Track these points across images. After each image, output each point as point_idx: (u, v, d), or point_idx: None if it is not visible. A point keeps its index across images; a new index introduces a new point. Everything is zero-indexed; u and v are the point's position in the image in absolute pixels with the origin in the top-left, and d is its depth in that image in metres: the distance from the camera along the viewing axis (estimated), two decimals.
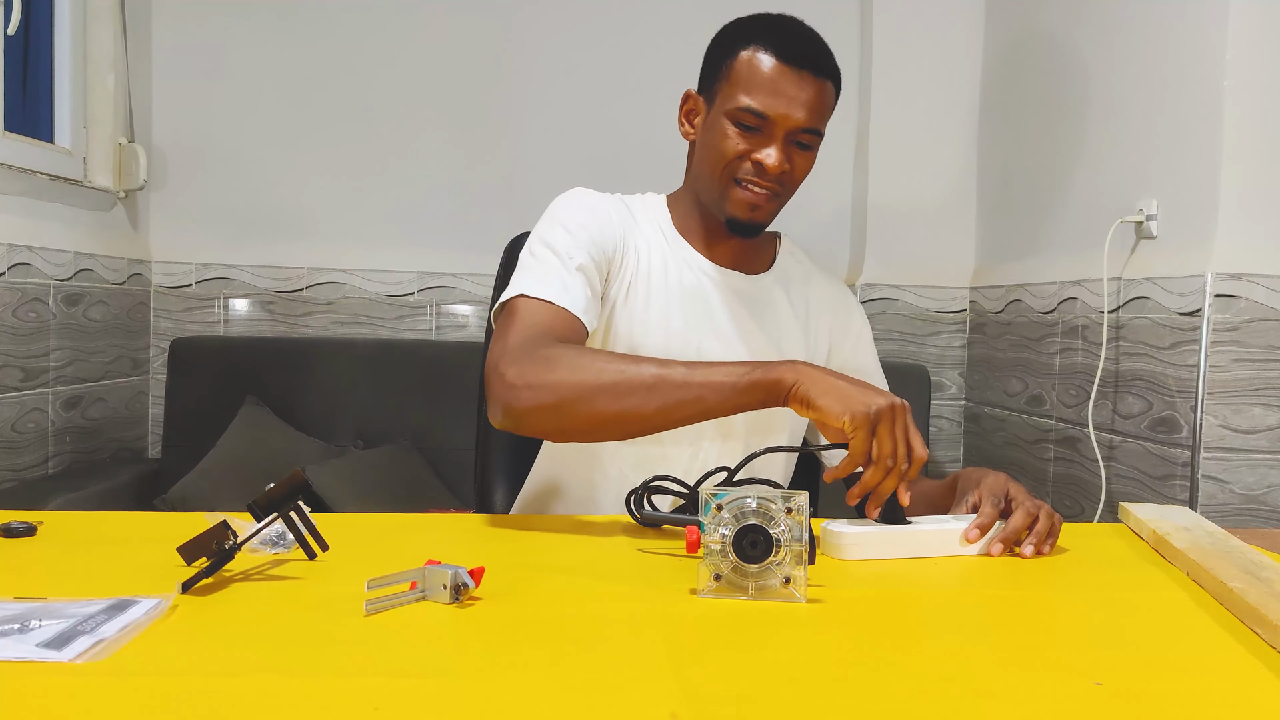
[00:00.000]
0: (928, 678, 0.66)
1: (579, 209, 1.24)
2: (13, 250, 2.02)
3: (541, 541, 1.04)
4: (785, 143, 1.18)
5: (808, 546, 0.82)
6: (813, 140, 1.21)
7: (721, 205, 1.22)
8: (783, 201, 1.24)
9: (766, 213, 1.23)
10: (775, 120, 1.17)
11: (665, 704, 0.60)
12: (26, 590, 0.78)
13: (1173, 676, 0.69)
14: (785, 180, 1.21)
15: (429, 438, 2.39)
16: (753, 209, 1.21)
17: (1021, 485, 1.09)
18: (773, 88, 1.17)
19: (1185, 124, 1.82)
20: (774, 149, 1.18)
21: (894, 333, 2.65)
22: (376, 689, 0.61)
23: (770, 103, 1.17)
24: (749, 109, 1.17)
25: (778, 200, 1.22)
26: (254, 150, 2.64)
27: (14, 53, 2.14)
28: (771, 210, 1.23)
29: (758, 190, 1.19)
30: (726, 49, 1.22)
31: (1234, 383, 1.71)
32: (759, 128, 1.18)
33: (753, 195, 1.20)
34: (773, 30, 1.21)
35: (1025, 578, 0.96)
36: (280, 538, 0.92)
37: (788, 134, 1.18)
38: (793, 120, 1.17)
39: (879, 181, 2.65)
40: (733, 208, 1.21)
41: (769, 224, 1.26)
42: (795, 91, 1.17)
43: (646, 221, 1.29)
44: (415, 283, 2.67)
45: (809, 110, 1.18)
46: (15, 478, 2.05)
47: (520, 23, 2.68)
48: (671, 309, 1.25)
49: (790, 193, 1.24)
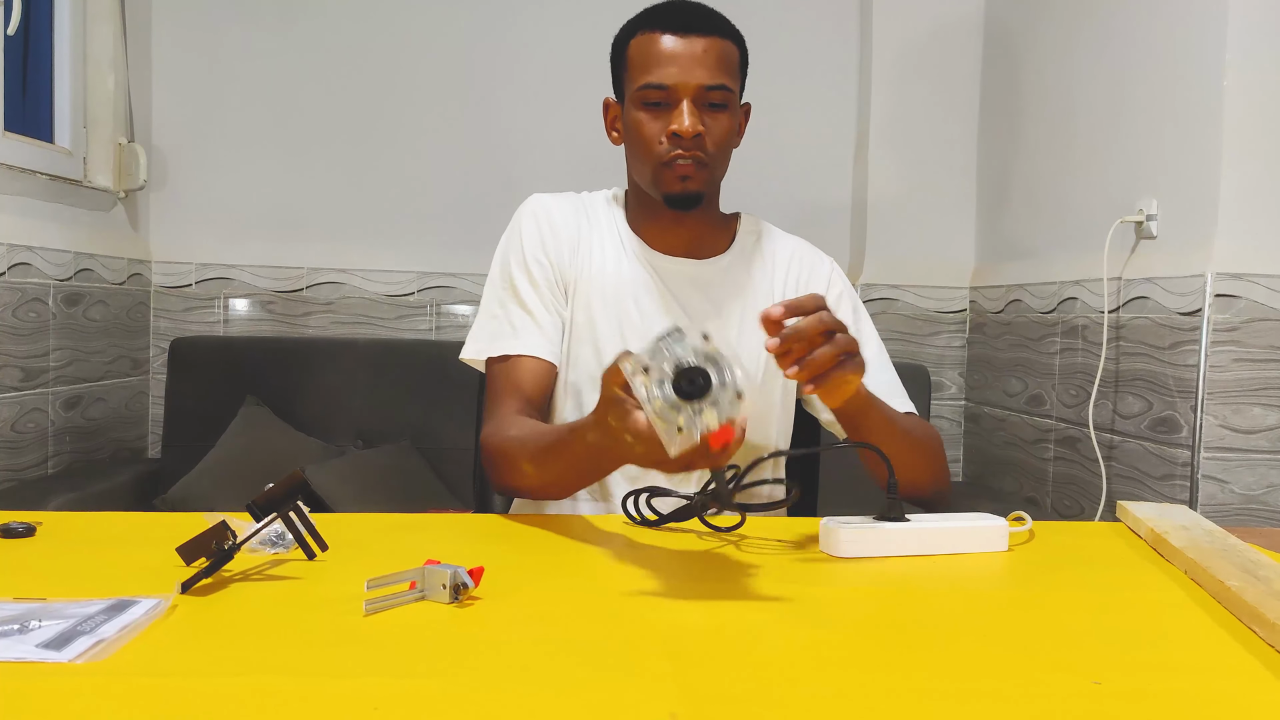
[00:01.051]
0: (926, 677, 0.66)
1: (530, 233, 1.29)
2: (13, 250, 2.02)
3: (541, 541, 1.04)
4: (695, 106, 1.19)
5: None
6: (725, 98, 1.21)
7: (657, 188, 1.23)
8: (714, 170, 1.24)
9: (699, 181, 1.22)
10: (675, 87, 1.19)
11: (665, 704, 0.60)
12: (26, 591, 0.78)
13: (1171, 675, 0.68)
14: (707, 144, 1.21)
15: (429, 438, 2.39)
16: (684, 179, 1.21)
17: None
18: (665, 58, 1.19)
19: (1185, 124, 1.82)
20: (681, 112, 1.18)
21: (894, 333, 2.65)
22: (376, 689, 0.61)
23: (665, 72, 1.19)
24: (648, 85, 1.19)
25: (707, 169, 1.22)
26: (254, 150, 2.64)
27: (14, 53, 2.14)
28: (703, 179, 1.23)
29: (683, 161, 1.20)
30: (620, 45, 1.26)
31: (1234, 383, 1.71)
32: (664, 100, 1.20)
33: (680, 167, 1.20)
34: (655, 10, 1.23)
35: (1024, 577, 0.96)
36: (279, 538, 0.92)
37: (694, 97, 1.19)
38: (692, 81, 1.18)
39: (879, 181, 2.65)
40: (666, 185, 1.22)
41: (708, 193, 1.26)
42: (687, 55, 1.19)
43: (602, 220, 1.32)
44: (415, 283, 2.67)
45: (706, 68, 1.19)
46: (15, 478, 2.05)
47: (520, 23, 2.68)
48: (626, 307, 1.27)
49: (719, 159, 1.24)
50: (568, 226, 1.30)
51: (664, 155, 1.21)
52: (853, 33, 2.71)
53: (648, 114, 1.21)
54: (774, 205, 2.01)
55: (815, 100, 2.71)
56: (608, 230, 1.32)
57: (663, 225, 1.30)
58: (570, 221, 1.31)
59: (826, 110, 2.72)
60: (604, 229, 1.32)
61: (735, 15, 1.27)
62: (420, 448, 2.38)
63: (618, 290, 1.28)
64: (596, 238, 1.31)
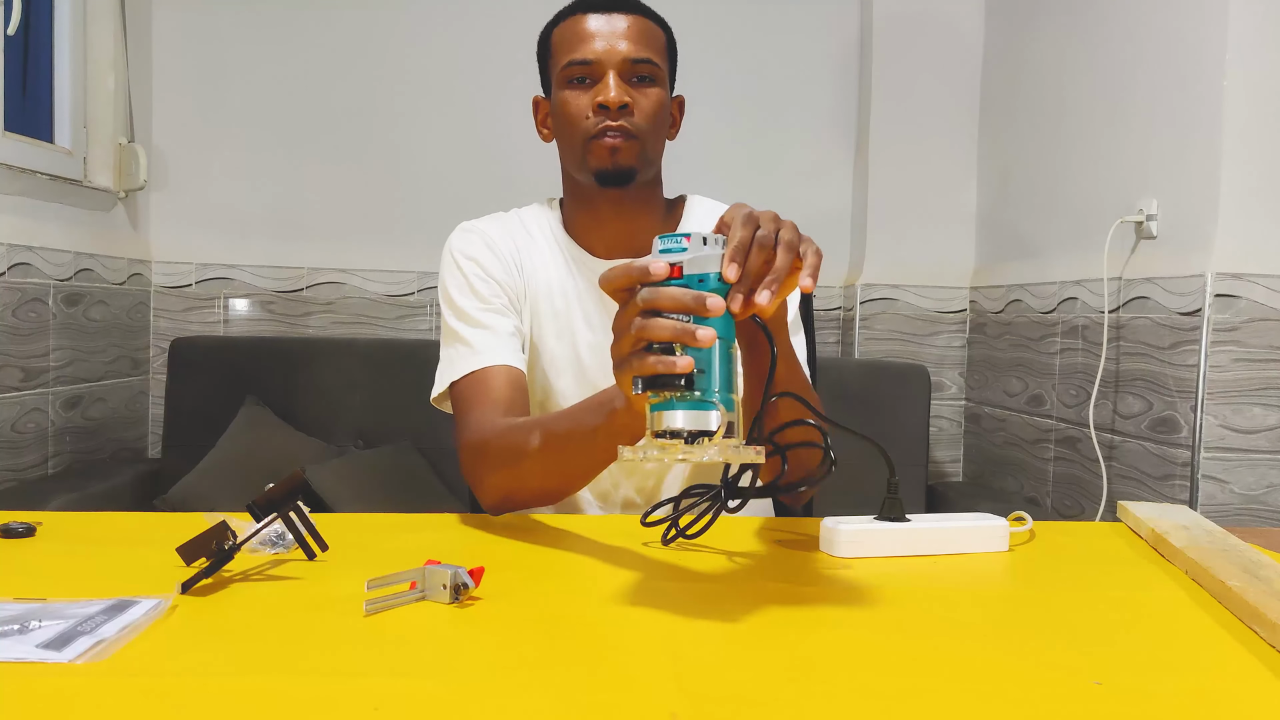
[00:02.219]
0: (927, 676, 0.66)
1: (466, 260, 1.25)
2: (13, 250, 2.02)
3: (541, 541, 1.04)
4: (621, 80, 1.16)
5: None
6: (650, 71, 1.18)
7: (586, 166, 1.19)
8: (645, 145, 1.18)
9: (629, 153, 1.17)
10: (599, 60, 1.17)
11: (665, 704, 0.60)
12: (26, 591, 0.78)
13: (1172, 675, 0.68)
14: (636, 117, 1.17)
15: (429, 438, 2.38)
16: (614, 152, 1.16)
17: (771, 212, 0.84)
18: (588, 35, 1.18)
19: (1185, 124, 1.82)
20: (606, 84, 1.16)
21: (894, 333, 2.65)
22: (376, 689, 0.61)
23: (589, 48, 1.17)
24: (572, 62, 1.17)
25: (638, 142, 1.17)
26: (254, 150, 2.64)
27: (14, 53, 2.14)
28: (634, 151, 1.17)
29: (611, 134, 1.16)
30: (545, 37, 1.24)
31: (1234, 383, 1.71)
32: (588, 76, 1.17)
33: (609, 140, 1.16)
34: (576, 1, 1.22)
35: (1025, 577, 0.96)
36: (280, 538, 0.92)
37: (619, 70, 1.16)
38: (615, 54, 1.16)
39: (879, 181, 2.65)
40: (595, 159, 1.17)
41: (640, 170, 1.19)
42: (609, 30, 1.17)
43: (535, 231, 1.28)
44: (415, 283, 2.67)
45: (631, 41, 1.17)
46: (15, 478, 2.05)
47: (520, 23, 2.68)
48: (575, 323, 1.24)
49: (650, 134, 1.18)
50: (505, 245, 1.26)
51: (591, 129, 1.16)
52: (853, 32, 2.71)
53: (573, 91, 1.18)
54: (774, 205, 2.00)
55: (816, 100, 2.71)
56: (544, 240, 1.27)
57: (599, 219, 1.24)
58: (506, 240, 1.26)
59: (827, 110, 2.72)
60: (540, 240, 1.27)
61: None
62: (420, 448, 2.38)
63: (567, 307, 1.24)
64: (536, 251, 1.26)
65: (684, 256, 0.76)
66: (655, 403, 0.75)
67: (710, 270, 0.76)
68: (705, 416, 0.74)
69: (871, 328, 2.65)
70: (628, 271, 0.77)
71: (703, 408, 0.74)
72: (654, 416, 0.75)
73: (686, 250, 0.76)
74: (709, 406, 0.75)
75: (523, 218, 1.30)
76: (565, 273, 1.26)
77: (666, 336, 0.74)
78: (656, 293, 0.75)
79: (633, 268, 0.76)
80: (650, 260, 0.76)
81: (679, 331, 0.74)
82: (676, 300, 0.74)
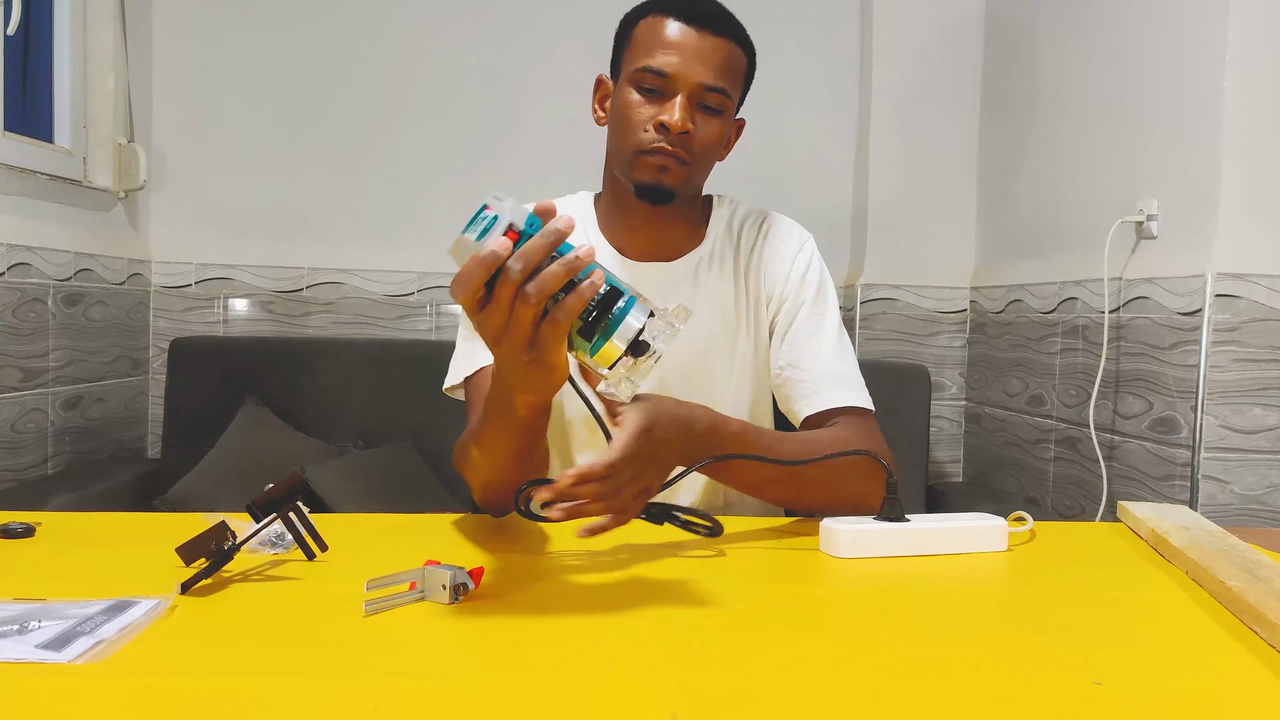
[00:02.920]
0: (927, 677, 0.66)
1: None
2: (13, 250, 2.02)
3: (541, 541, 1.04)
4: (689, 104, 1.14)
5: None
6: (720, 103, 1.16)
7: (630, 173, 1.17)
8: (694, 170, 1.18)
9: (675, 177, 1.16)
10: (675, 77, 1.14)
11: (665, 704, 0.60)
12: (26, 591, 0.78)
13: (1172, 675, 0.68)
14: (690, 144, 1.15)
15: (429, 438, 2.38)
16: (660, 170, 1.15)
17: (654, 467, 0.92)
18: (671, 46, 1.14)
19: (1185, 124, 1.82)
20: (674, 105, 1.13)
21: (894, 333, 2.65)
22: (376, 689, 0.61)
23: (668, 60, 1.14)
24: (647, 68, 1.14)
25: (687, 169, 1.16)
26: (254, 150, 2.64)
27: (14, 53, 2.14)
28: (681, 175, 1.17)
29: (664, 155, 1.14)
30: (628, 22, 1.20)
31: (1234, 383, 1.71)
32: (660, 88, 1.14)
33: (660, 158, 1.15)
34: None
35: (1025, 577, 0.96)
36: (279, 538, 0.92)
37: (690, 94, 1.14)
38: (693, 77, 1.14)
39: (879, 181, 2.65)
40: (640, 173, 1.16)
41: (682, 194, 1.19)
42: (694, 49, 1.14)
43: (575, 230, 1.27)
44: (415, 283, 2.67)
45: (710, 67, 1.14)
46: (15, 478, 2.05)
47: (520, 23, 2.68)
48: None
49: (702, 162, 1.19)
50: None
51: (646, 143, 1.15)
52: (853, 33, 2.71)
53: (640, 97, 1.15)
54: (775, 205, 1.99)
55: (816, 100, 2.71)
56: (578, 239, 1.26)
57: (634, 225, 1.24)
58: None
59: (827, 110, 2.72)
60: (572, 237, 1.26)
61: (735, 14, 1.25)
62: (420, 448, 2.38)
63: None
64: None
65: (508, 218, 0.76)
66: (598, 339, 0.77)
67: (525, 215, 0.78)
68: (640, 312, 0.77)
69: (872, 328, 2.64)
70: (480, 266, 0.75)
71: (630, 308, 0.77)
72: (606, 349, 0.76)
73: (498, 217, 0.76)
74: (632, 300, 0.77)
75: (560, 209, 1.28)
76: None
77: (564, 275, 0.75)
78: (522, 256, 0.75)
79: (481, 259, 0.75)
80: (488, 243, 0.75)
81: (570, 265, 0.75)
82: (541, 248, 0.75)
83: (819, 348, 1.24)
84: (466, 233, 0.76)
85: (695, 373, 1.23)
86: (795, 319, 1.25)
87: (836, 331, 1.26)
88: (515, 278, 0.75)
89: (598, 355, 0.77)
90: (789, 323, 1.25)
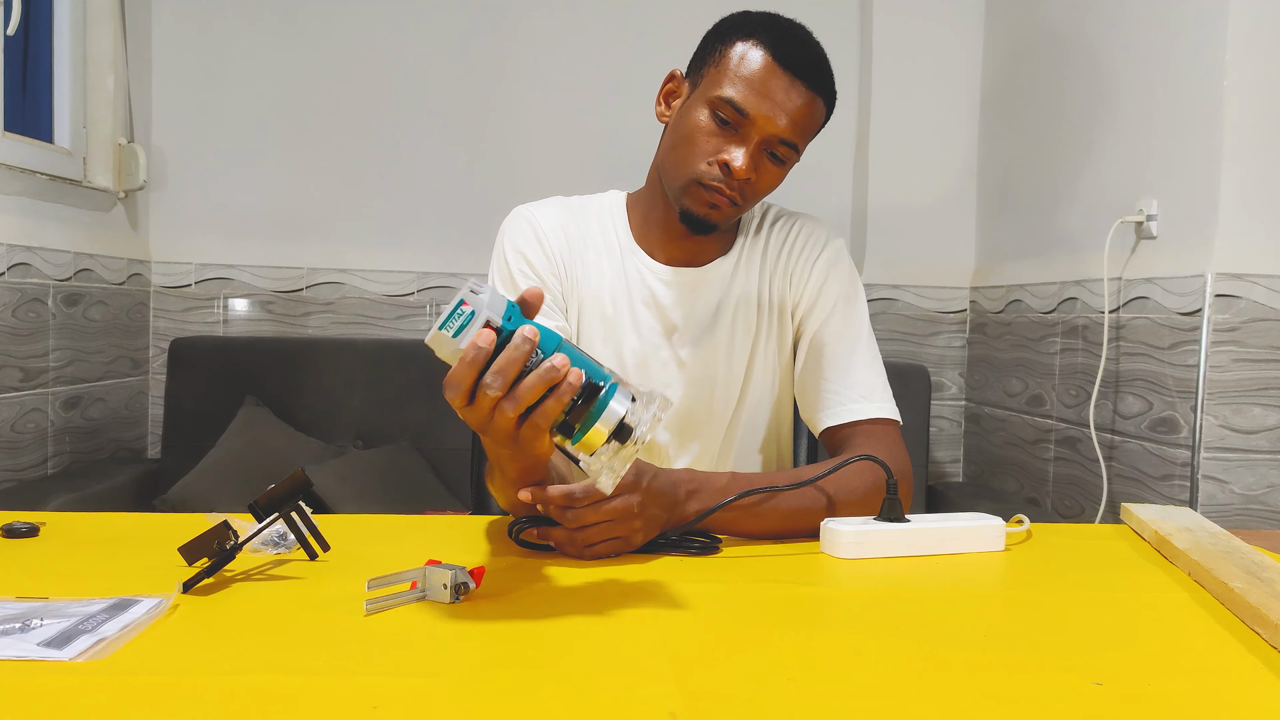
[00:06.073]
0: (927, 677, 0.66)
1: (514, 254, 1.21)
2: (12, 250, 2.02)
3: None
4: (758, 149, 1.11)
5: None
6: (788, 155, 1.13)
7: (681, 198, 1.15)
8: (740, 211, 1.17)
9: (723, 215, 1.15)
10: (755, 120, 1.10)
11: (665, 704, 0.60)
12: (28, 590, 0.78)
13: (1174, 677, 0.68)
14: (748, 191, 1.13)
15: (429, 438, 2.39)
16: (710, 207, 1.14)
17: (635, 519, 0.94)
18: (759, 86, 1.10)
19: (1185, 124, 1.82)
20: (744, 152, 1.10)
21: (894, 333, 2.65)
22: (376, 689, 0.61)
23: (753, 100, 1.10)
24: (730, 100, 1.10)
25: (737, 209, 1.15)
26: (254, 150, 2.64)
27: (14, 53, 2.14)
28: (729, 215, 1.15)
29: (720, 194, 1.12)
30: (723, 36, 1.15)
31: (1234, 383, 1.71)
32: (735, 124, 1.11)
33: (714, 195, 1.12)
34: (774, 30, 1.13)
35: (1025, 578, 0.96)
36: (281, 538, 0.92)
37: (763, 140, 1.11)
38: (772, 126, 1.10)
39: (879, 182, 2.65)
40: (691, 201, 1.14)
41: (725, 226, 1.19)
42: (782, 96, 1.10)
43: (600, 232, 1.25)
44: (415, 283, 2.67)
45: (791, 119, 1.10)
46: (15, 478, 2.05)
47: (520, 23, 2.68)
48: (624, 329, 1.22)
49: (750, 205, 1.17)
50: (557, 241, 1.22)
51: (705, 176, 1.12)
52: (853, 33, 2.71)
53: (712, 125, 1.11)
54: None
55: None
56: (605, 240, 1.24)
57: (669, 235, 1.22)
58: (559, 236, 1.22)
59: None
60: (601, 239, 1.24)
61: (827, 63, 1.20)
62: (420, 448, 2.38)
63: (616, 313, 1.22)
64: (593, 251, 1.23)
65: (484, 313, 0.76)
66: (578, 431, 0.77)
67: (504, 307, 0.77)
68: (623, 397, 0.77)
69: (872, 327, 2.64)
70: (470, 369, 0.76)
71: (613, 394, 0.77)
72: (589, 437, 0.77)
73: (475, 313, 0.76)
74: (614, 388, 0.77)
75: (588, 209, 1.26)
76: (619, 277, 1.23)
77: (541, 387, 0.76)
78: (499, 372, 0.76)
79: (468, 362, 0.76)
80: (468, 342, 0.76)
81: (546, 378, 0.76)
82: (516, 361, 0.76)
83: (842, 357, 1.23)
84: (443, 329, 0.76)
85: (718, 376, 1.24)
86: (818, 327, 1.24)
87: (864, 338, 1.25)
88: (494, 394, 0.76)
89: (580, 444, 0.78)
90: (812, 330, 1.25)
